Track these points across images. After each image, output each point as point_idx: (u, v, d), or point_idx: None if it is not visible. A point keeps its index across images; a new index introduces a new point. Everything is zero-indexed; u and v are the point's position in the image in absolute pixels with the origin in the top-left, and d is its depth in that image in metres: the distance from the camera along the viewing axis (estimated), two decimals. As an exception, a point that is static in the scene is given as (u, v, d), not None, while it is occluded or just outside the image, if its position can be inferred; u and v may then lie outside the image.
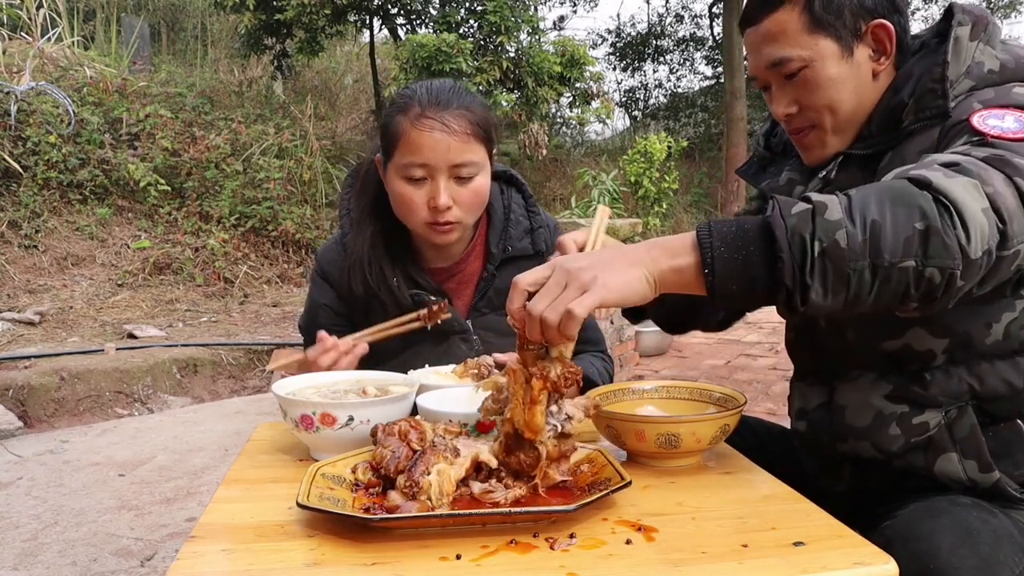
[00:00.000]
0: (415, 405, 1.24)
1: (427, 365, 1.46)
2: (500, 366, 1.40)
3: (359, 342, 1.46)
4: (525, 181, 1.70)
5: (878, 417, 1.18)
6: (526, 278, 0.95)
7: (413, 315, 1.50)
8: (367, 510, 0.96)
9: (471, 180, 1.47)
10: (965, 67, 1.13)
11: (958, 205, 0.87)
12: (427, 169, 1.44)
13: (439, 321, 1.51)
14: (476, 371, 1.38)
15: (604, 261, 0.92)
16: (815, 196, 0.90)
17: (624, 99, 15.47)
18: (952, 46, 1.13)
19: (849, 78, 1.18)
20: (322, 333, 1.45)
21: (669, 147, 9.32)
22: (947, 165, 0.94)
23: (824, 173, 1.23)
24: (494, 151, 1.54)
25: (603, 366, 1.61)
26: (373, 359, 1.50)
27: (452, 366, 1.43)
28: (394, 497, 0.96)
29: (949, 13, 1.19)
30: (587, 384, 1.46)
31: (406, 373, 1.39)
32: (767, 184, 1.38)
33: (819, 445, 1.29)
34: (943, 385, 1.14)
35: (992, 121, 1.04)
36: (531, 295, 0.94)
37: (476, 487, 1.00)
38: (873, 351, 1.19)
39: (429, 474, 0.97)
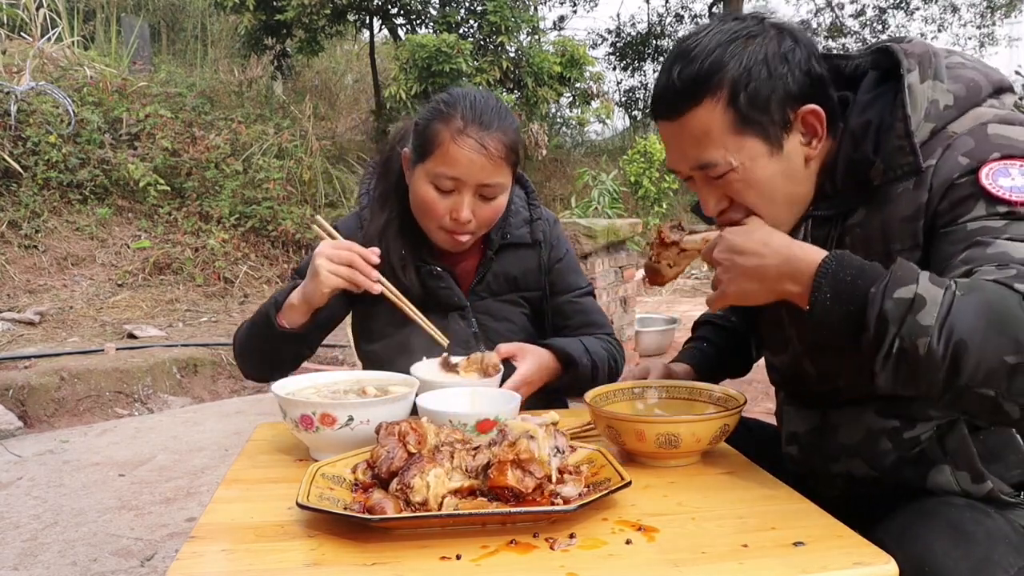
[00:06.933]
0: (415, 405, 1.24)
1: (424, 358, 1.47)
2: (506, 360, 1.44)
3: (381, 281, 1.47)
4: (527, 176, 1.75)
5: (869, 433, 1.18)
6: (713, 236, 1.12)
7: (431, 326, 1.52)
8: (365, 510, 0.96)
9: (494, 199, 1.52)
10: (923, 112, 1.08)
11: None
12: (457, 183, 1.48)
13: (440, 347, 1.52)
14: (479, 366, 1.40)
15: (743, 284, 1.05)
16: (923, 284, 0.89)
17: (624, 99, 15.45)
18: (908, 97, 1.08)
19: (779, 173, 1.12)
20: (348, 243, 1.47)
21: (669, 147, 9.30)
22: None
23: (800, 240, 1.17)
24: (518, 168, 1.60)
25: (604, 346, 1.64)
26: (373, 335, 1.60)
27: (460, 359, 1.43)
28: (377, 497, 0.96)
29: (888, 53, 1.14)
30: (569, 361, 1.51)
31: (404, 350, 1.45)
32: None
33: (811, 467, 1.28)
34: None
35: (1004, 182, 1.01)
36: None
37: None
38: (864, 391, 1.15)
39: (424, 477, 0.96)
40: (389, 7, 8.82)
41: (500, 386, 1.40)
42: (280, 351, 1.54)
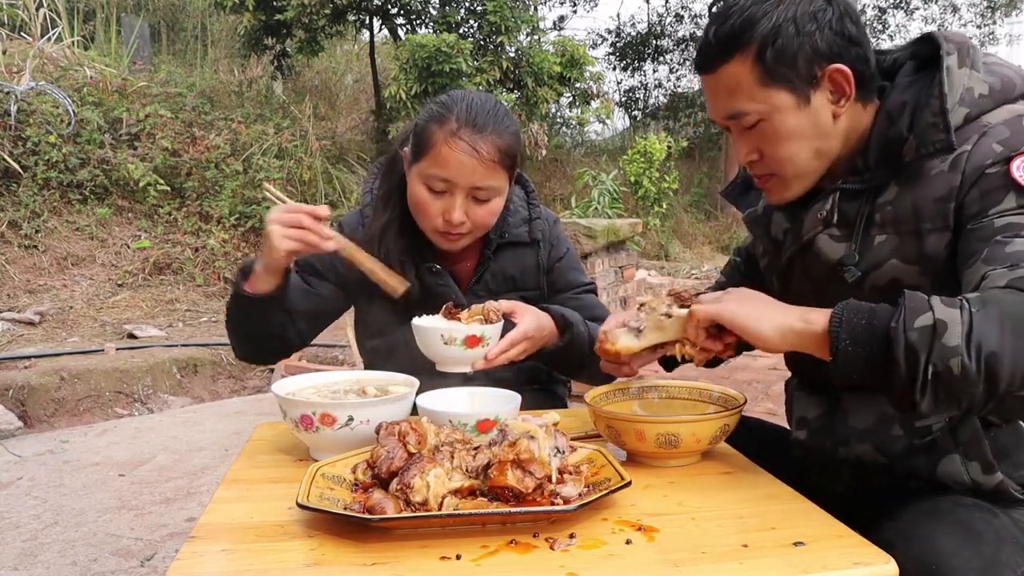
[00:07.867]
0: (415, 405, 1.24)
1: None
2: (507, 313, 1.45)
3: (336, 239, 1.45)
4: (528, 176, 1.75)
5: (881, 418, 1.18)
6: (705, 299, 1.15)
7: (401, 278, 1.50)
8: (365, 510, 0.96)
9: (488, 202, 1.53)
10: (959, 95, 1.12)
11: None
12: (448, 184, 1.49)
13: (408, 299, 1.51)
14: (481, 316, 1.41)
15: (754, 305, 1.08)
16: (939, 308, 0.91)
17: (624, 99, 15.44)
18: (946, 77, 1.11)
19: (808, 126, 1.17)
20: (297, 205, 1.47)
21: (669, 147, 9.33)
22: None
23: (824, 215, 1.22)
24: (516, 171, 1.60)
25: None
26: (374, 331, 1.61)
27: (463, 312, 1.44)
28: (377, 497, 0.96)
29: (929, 40, 1.18)
30: (566, 324, 1.51)
31: (406, 345, 1.44)
32: (747, 215, 1.40)
33: (820, 451, 1.28)
34: None
35: None
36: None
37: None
38: None
39: (424, 477, 0.96)
40: (389, 7, 8.82)
41: (500, 337, 1.41)
42: (254, 321, 1.55)
